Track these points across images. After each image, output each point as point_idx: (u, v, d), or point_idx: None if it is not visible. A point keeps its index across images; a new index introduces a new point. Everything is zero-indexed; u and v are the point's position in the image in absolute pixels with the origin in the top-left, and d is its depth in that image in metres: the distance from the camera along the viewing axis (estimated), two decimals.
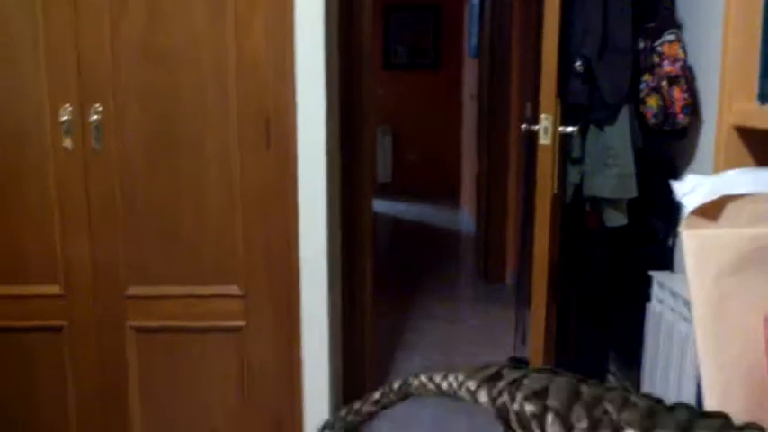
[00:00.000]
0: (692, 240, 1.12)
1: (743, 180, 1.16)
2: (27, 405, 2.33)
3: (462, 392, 0.36)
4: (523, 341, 2.85)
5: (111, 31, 2.16)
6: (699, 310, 1.10)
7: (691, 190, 1.16)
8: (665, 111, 2.24)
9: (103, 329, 2.30)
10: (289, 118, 2.23)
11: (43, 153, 2.20)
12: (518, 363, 2.82)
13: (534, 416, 0.32)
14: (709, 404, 1.12)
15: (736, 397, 1.13)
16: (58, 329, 2.29)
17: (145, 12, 2.15)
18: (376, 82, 7.84)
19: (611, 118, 2.35)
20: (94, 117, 2.19)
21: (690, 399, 2.00)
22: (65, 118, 2.18)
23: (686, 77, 2.22)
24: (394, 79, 8.62)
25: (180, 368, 2.34)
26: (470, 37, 6.68)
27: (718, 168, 1.29)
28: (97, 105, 2.18)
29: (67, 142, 2.20)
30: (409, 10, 8.60)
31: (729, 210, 1.13)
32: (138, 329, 2.31)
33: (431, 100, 8.67)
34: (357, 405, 0.42)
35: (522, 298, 3.00)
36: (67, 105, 2.18)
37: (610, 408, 0.32)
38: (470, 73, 6.82)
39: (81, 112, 2.19)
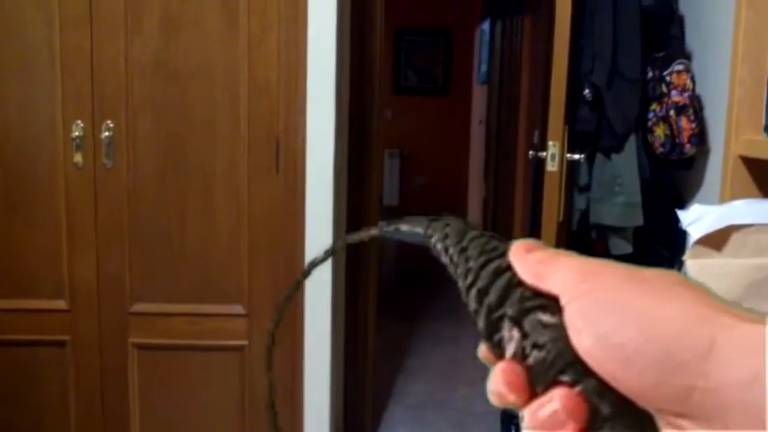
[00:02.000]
0: (696, 269, 1.13)
1: (748, 210, 1.17)
2: (29, 418, 2.33)
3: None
4: None
5: (126, 47, 2.18)
6: None
7: (696, 219, 1.16)
8: (673, 140, 2.25)
9: (106, 345, 2.31)
10: (298, 140, 2.25)
11: (54, 168, 2.22)
12: None
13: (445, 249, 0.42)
14: None
15: None
16: (62, 344, 2.30)
17: (159, 30, 2.18)
18: (385, 105, 7.87)
19: (619, 146, 2.35)
20: (106, 134, 2.21)
21: None
22: (76, 134, 2.20)
23: (694, 107, 2.23)
24: (403, 103, 8.66)
25: (181, 386, 2.34)
26: (480, 63, 6.72)
27: (724, 198, 1.30)
28: (109, 122, 2.20)
29: (78, 158, 2.22)
30: (420, 35, 8.66)
31: (734, 239, 1.13)
32: (141, 347, 2.31)
33: (439, 124, 8.71)
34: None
35: None
36: (79, 121, 2.20)
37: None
38: (479, 99, 6.85)
39: (93, 128, 2.20)
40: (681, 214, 1.17)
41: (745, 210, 1.16)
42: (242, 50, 2.19)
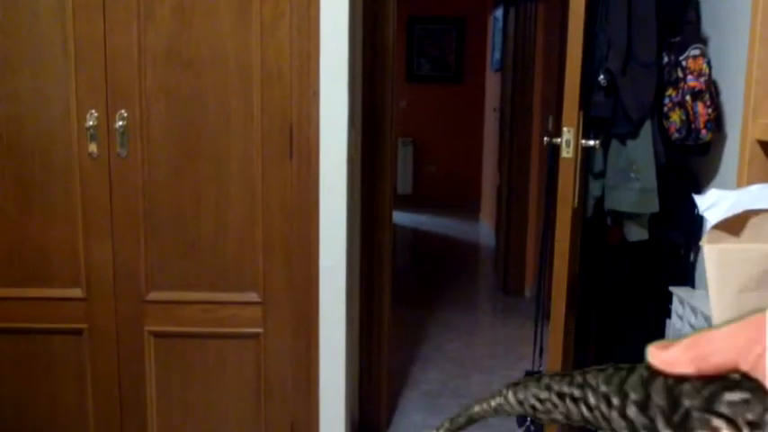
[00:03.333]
0: (713, 254, 1.11)
1: (766, 195, 1.15)
2: (46, 406, 2.35)
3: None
4: (541, 354, 2.83)
5: (139, 36, 2.18)
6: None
7: (713, 204, 1.15)
8: (689, 126, 2.23)
9: (123, 333, 2.32)
10: (312, 128, 2.25)
11: (69, 158, 2.23)
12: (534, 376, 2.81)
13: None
14: None
15: None
16: (79, 332, 2.32)
17: (171, 18, 2.18)
18: (399, 94, 7.86)
19: (634, 132, 2.34)
20: (120, 123, 2.21)
21: None
22: (90, 123, 2.21)
23: (710, 92, 2.21)
24: (417, 91, 8.64)
25: (197, 374, 2.35)
26: (493, 50, 6.69)
27: (741, 183, 1.28)
28: (123, 111, 2.21)
29: (93, 148, 2.22)
30: (433, 23, 8.63)
31: (752, 224, 1.12)
32: (157, 334, 2.33)
33: (453, 112, 8.68)
34: None
35: (541, 311, 2.99)
36: (93, 111, 2.21)
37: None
38: (493, 86, 6.82)
39: (107, 117, 2.21)
40: (697, 199, 1.16)
41: (762, 194, 1.15)
42: (254, 38, 2.19)
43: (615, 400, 0.35)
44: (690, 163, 2.47)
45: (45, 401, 2.35)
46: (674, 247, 2.48)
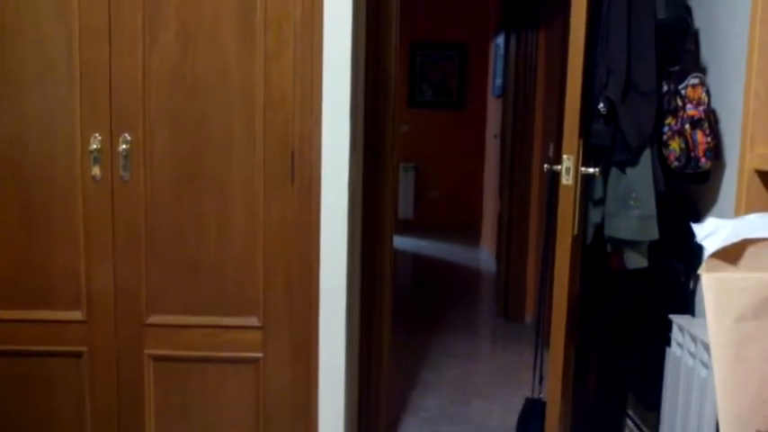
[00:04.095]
0: (711, 283, 1.12)
1: (763, 224, 1.16)
2: (45, 428, 2.34)
3: None
4: (541, 382, 2.82)
5: (144, 61, 2.21)
6: (718, 354, 1.10)
7: (711, 232, 1.16)
8: (688, 154, 2.24)
9: (123, 357, 2.32)
10: (313, 153, 2.26)
11: (72, 181, 2.25)
12: (534, 403, 2.80)
13: None
14: None
15: None
16: (79, 355, 2.31)
17: (176, 43, 2.20)
18: (400, 119, 7.90)
19: (634, 160, 2.35)
20: (123, 146, 2.23)
21: None
22: (94, 147, 2.23)
23: (709, 121, 2.22)
24: (418, 117, 8.69)
25: (197, 398, 2.34)
26: (495, 77, 6.73)
27: (739, 211, 1.29)
28: (126, 135, 2.23)
29: (96, 171, 2.24)
30: (435, 49, 8.70)
31: (750, 253, 1.13)
32: (157, 358, 2.33)
33: (454, 138, 8.72)
34: None
35: (541, 338, 2.98)
36: (97, 134, 2.22)
37: None
38: (494, 112, 6.86)
39: (110, 141, 2.23)
40: (696, 228, 1.17)
41: (760, 223, 1.16)
42: (258, 64, 2.21)
43: None
44: (689, 191, 2.48)
45: (44, 423, 2.34)
46: (673, 275, 2.48)
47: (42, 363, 2.32)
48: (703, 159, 2.22)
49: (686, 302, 2.41)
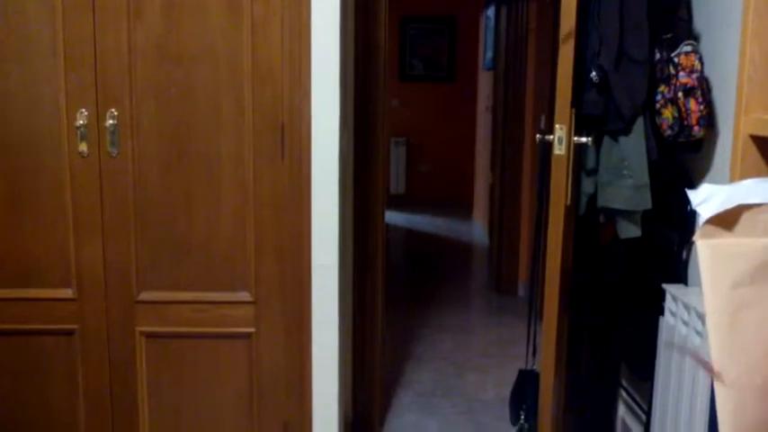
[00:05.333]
0: (707, 249, 1.11)
1: (759, 189, 1.15)
2: (37, 407, 2.33)
3: None
4: (535, 354, 2.83)
5: (128, 34, 2.17)
6: (713, 320, 1.09)
7: (706, 199, 1.15)
8: (681, 122, 2.22)
9: (114, 334, 2.31)
10: (303, 127, 2.24)
11: (59, 157, 2.22)
12: (528, 375, 2.80)
13: None
14: (722, 419, 1.10)
15: (750, 412, 1.11)
16: (70, 333, 2.30)
17: (161, 16, 2.17)
18: (391, 93, 7.85)
19: (626, 129, 2.33)
20: (110, 122, 2.20)
21: (703, 414, 1.98)
22: (80, 122, 2.20)
23: (702, 89, 2.21)
24: (409, 91, 8.65)
25: (189, 374, 2.34)
26: (485, 50, 6.69)
27: (734, 178, 1.28)
28: (113, 110, 2.20)
29: (83, 147, 2.21)
30: (425, 22, 8.64)
31: (745, 219, 1.12)
32: (149, 335, 2.31)
33: (445, 112, 8.69)
34: None
35: (534, 310, 2.98)
36: (83, 110, 2.19)
37: None
38: (485, 85, 6.82)
39: (97, 116, 2.20)
40: (690, 194, 1.15)
41: (755, 188, 1.14)
42: (245, 36, 2.18)
43: None
44: (682, 160, 2.47)
45: (36, 402, 2.33)
46: (667, 245, 2.48)
47: (33, 341, 2.31)
48: (696, 128, 2.21)
49: (679, 272, 2.40)
